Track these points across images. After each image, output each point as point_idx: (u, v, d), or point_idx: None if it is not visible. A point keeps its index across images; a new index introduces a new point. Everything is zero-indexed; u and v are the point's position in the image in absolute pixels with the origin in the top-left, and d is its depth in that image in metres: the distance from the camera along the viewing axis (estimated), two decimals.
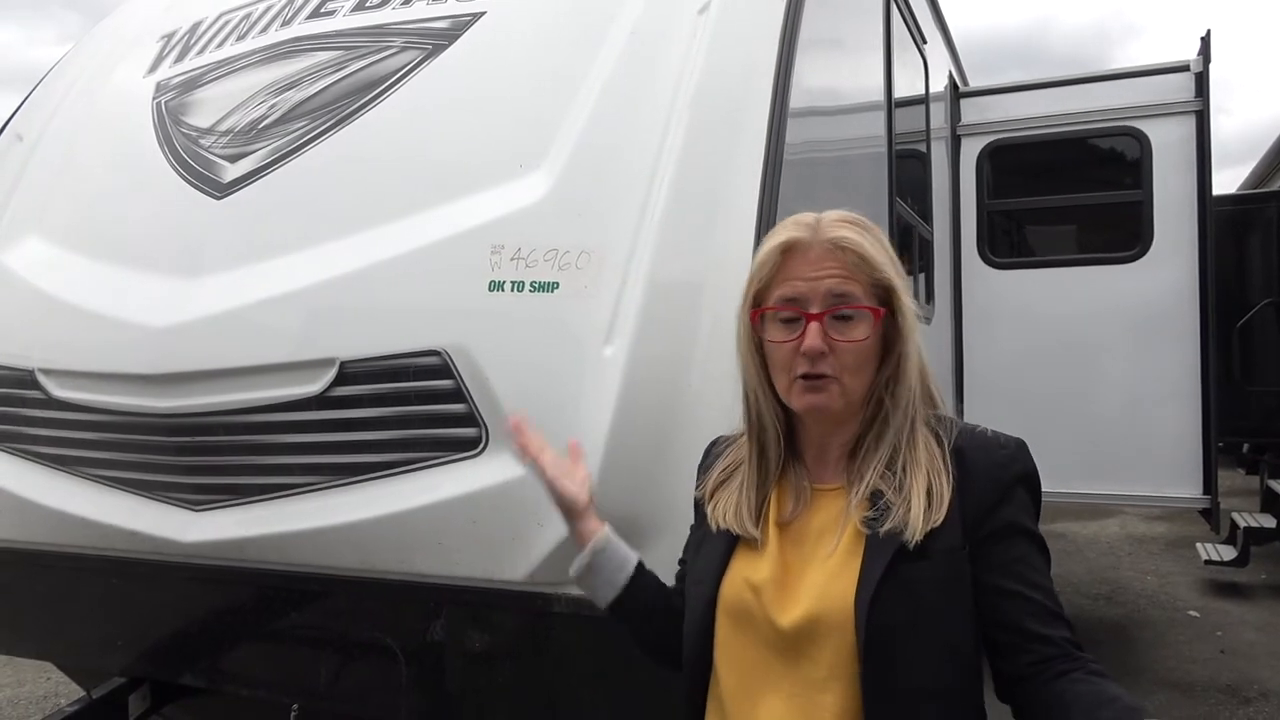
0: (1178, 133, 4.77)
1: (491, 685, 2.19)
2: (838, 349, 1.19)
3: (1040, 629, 1.14)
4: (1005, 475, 1.20)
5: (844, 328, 1.20)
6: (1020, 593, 1.15)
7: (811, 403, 1.21)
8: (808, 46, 2.31)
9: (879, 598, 1.12)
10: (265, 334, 2.24)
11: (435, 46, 2.44)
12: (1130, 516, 9.34)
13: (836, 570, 1.18)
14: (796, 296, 1.21)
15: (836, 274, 1.20)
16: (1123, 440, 4.84)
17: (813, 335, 1.18)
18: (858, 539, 1.18)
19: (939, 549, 1.14)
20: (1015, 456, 1.22)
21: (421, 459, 2.10)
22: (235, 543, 2.35)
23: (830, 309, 1.19)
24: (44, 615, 2.82)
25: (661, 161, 2.08)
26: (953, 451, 1.21)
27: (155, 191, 2.63)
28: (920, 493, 1.16)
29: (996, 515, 1.17)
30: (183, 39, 3.05)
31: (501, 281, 2.06)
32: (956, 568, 1.15)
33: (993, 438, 1.24)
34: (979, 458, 1.21)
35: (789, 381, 1.22)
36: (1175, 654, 5.49)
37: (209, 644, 2.56)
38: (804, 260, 1.21)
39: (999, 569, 1.16)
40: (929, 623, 1.14)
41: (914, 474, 1.18)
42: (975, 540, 1.17)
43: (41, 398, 2.56)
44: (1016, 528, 1.18)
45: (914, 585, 1.13)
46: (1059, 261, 5.19)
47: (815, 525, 1.24)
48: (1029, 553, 1.18)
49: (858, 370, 1.21)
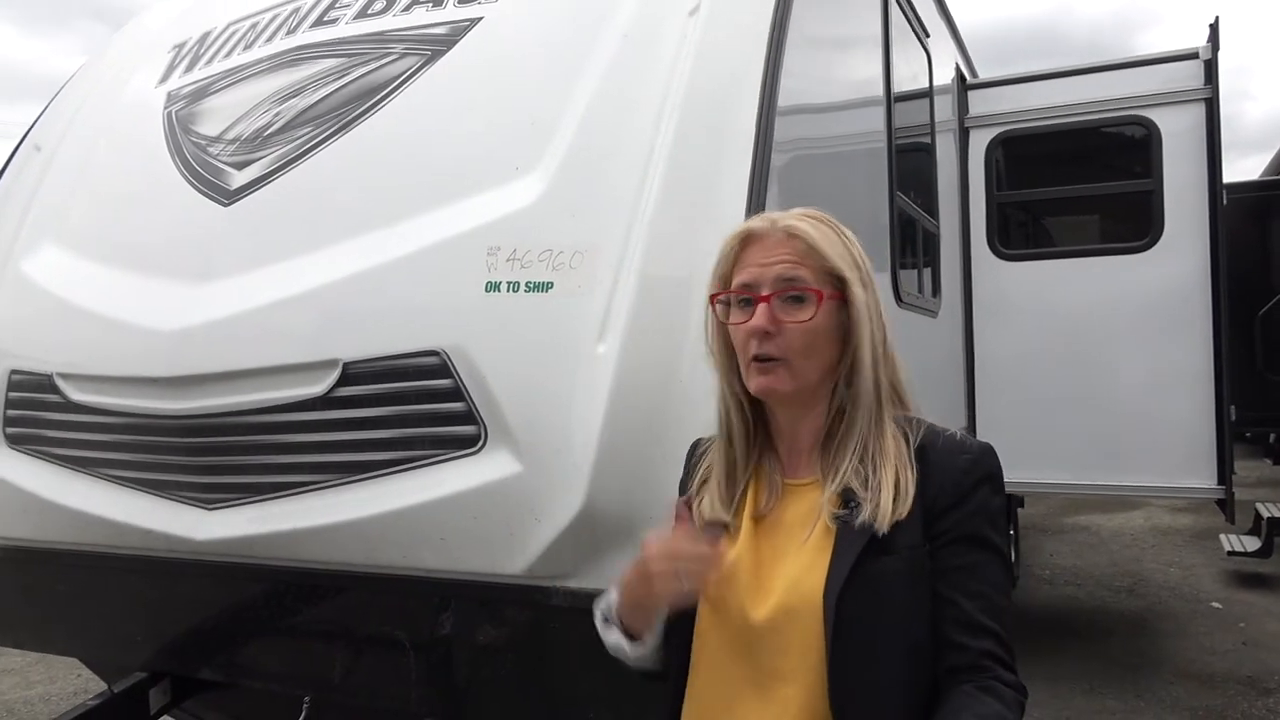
0: (1187, 121, 4.73)
1: (496, 676, 2.24)
2: (785, 330, 1.23)
3: (958, 637, 1.15)
4: (965, 480, 1.21)
5: (792, 309, 1.24)
6: (952, 599, 1.16)
7: (762, 384, 1.25)
8: (798, 45, 2.33)
9: (847, 590, 1.15)
10: (271, 336, 2.30)
11: (434, 52, 2.49)
12: (1155, 508, 9.26)
13: (808, 564, 1.20)
14: (750, 281, 1.26)
15: (787, 260, 1.25)
16: (1135, 431, 4.82)
17: (759, 315, 1.23)
18: (827, 534, 1.20)
19: (903, 544, 1.17)
20: (978, 460, 1.23)
21: (423, 457, 2.16)
22: (246, 540, 2.41)
23: (778, 291, 1.24)
24: (68, 613, 2.90)
25: (652, 162, 2.11)
26: (916, 449, 1.23)
27: (167, 199, 2.70)
28: (889, 484, 1.19)
29: (949, 518, 1.19)
30: (193, 49, 3.13)
31: (498, 282, 2.11)
32: (918, 564, 1.17)
33: (958, 441, 1.26)
34: (941, 459, 1.22)
35: (746, 363, 1.26)
36: (1196, 645, 5.45)
37: (224, 639, 2.63)
38: (760, 248, 1.27)
39: (940, 574, 1.18)
40: (893, 617, 1.16)
41: (883, 466, 1.21)
42: (930, 539, 1.19)
43: (60, 401, 2.64)
44: (967, 534, 1.19)
45: (880, 579, 1.15)
46: (1069, 252, 5.18)
47: (788, 519, 1.27)
48: (976, 561, 1.18)
49: (807, 352, 1.24)
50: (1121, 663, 5.14)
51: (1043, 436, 4.81)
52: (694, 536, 1.22)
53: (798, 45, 2.31)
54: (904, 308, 3.46)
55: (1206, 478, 4.73)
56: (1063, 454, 4.82)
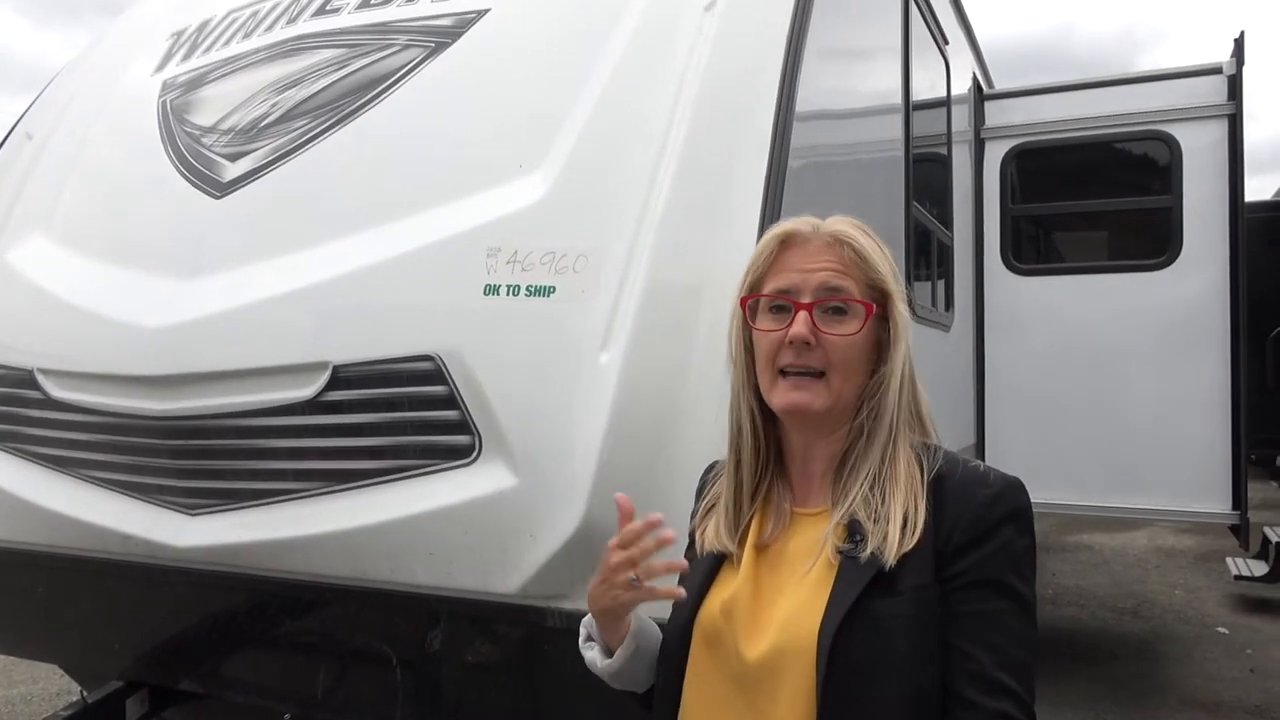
0: (1209, 137, 4.64)
1: (486, 698, 2.16)
2: (826, 342, 1.14)
3: (971, 694, 1.03)
4: (987, 516, 1.09)
5: (835, 321, 1.14)
6: (965, 651, 1.05)
7: (793, 400, 1.14)
8: (818, 46, 2.24)
9: (843, 634, 1.04)
10: (259, 336, 2.21)
11: (438, 44, 2.40)
12: (1158, 529, 9.15)
13: (805, 602, 1.10)
14: (789, 287, 1.16)
15: (832, 267, 1.16)
16: (1149, 452, 4.71)
17: (800, 323, 1.13)
18: (829, 568, 1.10)
19: (909, 585, 1.06)
20: (1001, 495, 1.11)
21: (414, 467, 2.07)
22: (229, 548, 2.32)
23: (820, 300, 1.14)
24: (44, 618, 2.81)
25: (663, 163, 2.03)
26: (932, 480, 1.12)
27: (157, 191, 2.62)
28: (897, 515, 1.09)
29: (966, 558, 1.08)
30: (191, 37, 3.04)
31: (497, 285, 2.02)
32: (926, 607, 1.06)
33: (979, 473, 1.14)
34: (959, 492, 1.11)
35: (772, 377, 1.16)
36: (1202, 672, 5.34)
37: (205, 650, 2.54)
38: (801, 252, 1.18)
39: (953, 620, 1.06)
40: (893, 664, 1.04)
41: (892, 495, 1.11)
42: (943, 580, 1.07)
43: (40, 398, 2.55)
44: (986, 579, 1.07)
45: (880, 622, 1.05)
46: (1085, 268, 5.08)
47: (792, 550, 1.17)
48: (996, 609, 1.07)
49: (848, 369, 1.15)
50: (1127, 688, 5.03)
51: (1053, 455, 4.71)
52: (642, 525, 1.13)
53: (817, 46, 2.22)
54: (917, 321, 3.36)
55: (1221, 502, 4.63)
56: (1073, 473, 4.72)
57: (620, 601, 1.15)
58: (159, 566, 2.45)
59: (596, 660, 1.27)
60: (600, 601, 1.17)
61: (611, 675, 1.27)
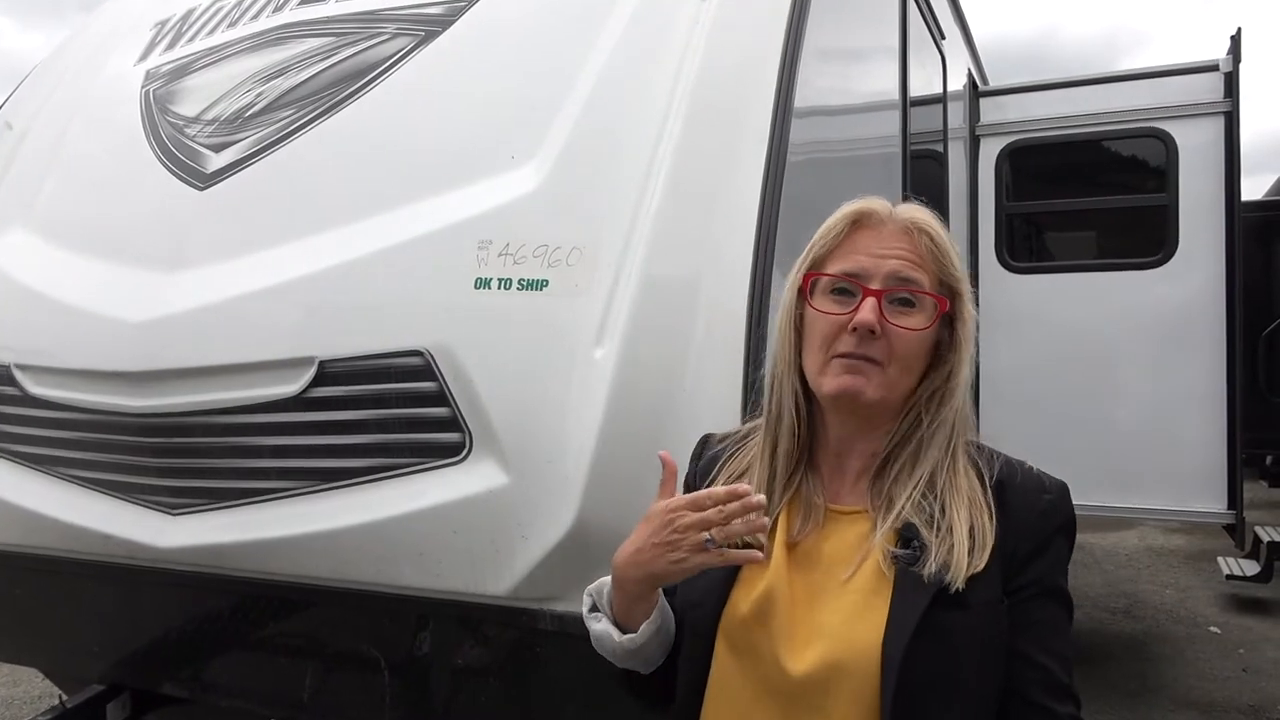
0: (1205, 134, 4.61)
1: (475, 701, 2.11)
2: (891, 334, 1.07)
3: (1046, 701, 1.02)
4: (1047, 525, 1.07)
5: (902, 313, 1.08)
6: (1035, 659, 1.03)
7: (846, 384, 1.08)
8: (816, 36, 2.19)
9: (914, 648, 0.99)
10: (243, 331, 2.15)
11: (428, 33, 2.34)
12: (1149, 528, 9.15)
13: (857, 611, 1.04)
14: (859, 270, 1.10)
15: (906, 256, 1.10)
16: (1144, 451, 4.69)
17: (867, 310, 1.06)
18: (880, 576, 1.05)
19: (978, 599, 1.02)
20: (1058, 504, 1.09)
21: (402, 465, 2.01)
22: (213, 549, 2.26)
23: (890, 289, 1.08)
24: (22, 620, 2.75)
25: (659, 154, 1.97)
26: (994, 487, 1.08)
27: (140, 182, 2.55)
28: (963, 531, 1.03)
29: (1031, 568, 1.05)
30: (175, 26, 2.97)
31: (489, 279, 1.97)
32: (996, 622, 1.03)
33: (1036, 478, 1.11)
34: (1021, 500, 1.08)
35: (824, 360, 1.10)
36: (1195, 671, 5.33)
37: (188, 653, 2.48)
38: (874, 235, 1.12)
39: (1021, 628, 1.04)
40: (961, 678, 1.01)
41: (955, 508, 1.05)
42: (1009, 592, 1.04)
43: (17, 394, 2.48)
44: (1048, 586, 1.06)
45: (951, 636, 1.00)
46: (1080, 266, 5.05)
47: (827, 551, 1.11)
48: (1055, 615, 1.06)
49: (907, 364, 1.09)
50: (1120, 688, 5.01)
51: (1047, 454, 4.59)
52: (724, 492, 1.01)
53: (815, 35, 2.17)
54: None
55: (1216, 501, 4.61)
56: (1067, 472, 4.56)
57: (685, 566, 1.03)
58: (140, 568, 2.39)
59: (611, 634, 1.14)
60: (654, 565, 1.04)
61: (630, 653, 1.14)
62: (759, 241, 1.86)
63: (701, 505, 1.01)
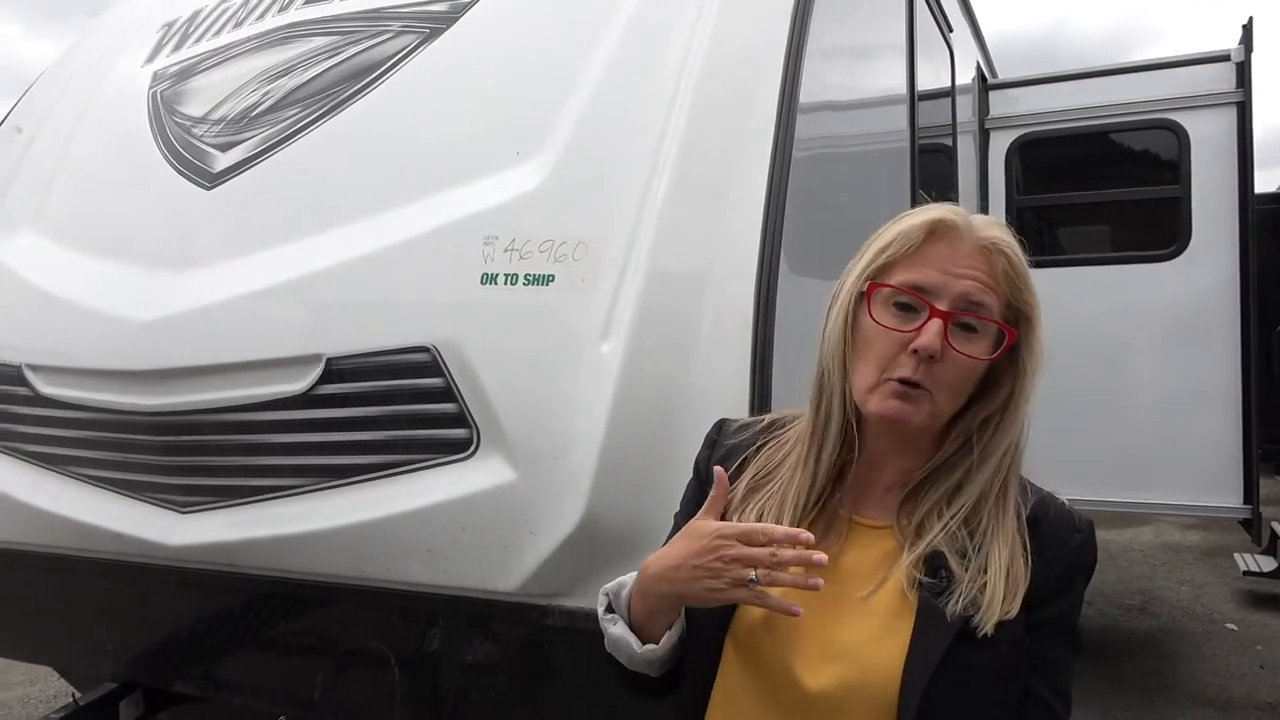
0: (1218, 125, 4.56)
1: (485, 698, 2.10)
2: (949, 359, 1.01)
3: None
4: (1074, 563, 1.05)
5: (964, 338, 1.02)
6: (1042, 697, 1.03)
7: (895, 410, 1.02)
8: (821, 29, 2.18)
9: (936, 682, 0.97)
10: (250, 329, 2.16)
11: (433, 30, 2.34)
12: (1165, 524, 9.07)
13: (877, 633, 1.01)
14: (929, 286, 1.02)
15: (980, 278, 1.02)
16: (1158, 447, 4.64)
17: (931, 334, 1.00)
18: (903, 600, 1.02)
19: (1004, 637, 0.99)
20: (1087, 544, 1.06)
21: (410, 461, 2.01)
22: (223, 546, 2.27)
23: (959, 311, 1.01)
24: (36, 619, 2.76)
25: (664, 148, 1.96)
26: (1027, 519, 1.05)
27: (147, 182, 2.56)
28: (1000, 573, 1.00)
29: (1052, 606, 1.03)
30: (182, 27, 2.98)
31: (495, 274, 1.96)
32: (1016, 661, 1.01)
33: (1068, 515, 1.08)
34: (1052, 536, 1.05)
35: (877, 378, 1.03)
36: (1212, 669, 5.28)
37: (199, 651, 2.48)
38: (950, 250, 1.03)
39: (1034, 667, 1.02)
40: (977, 713, 1.00)
41: (997, 548, 1.01)
42: (1029, 628, 1.02)
43: (29, 394, 2.50)
44: (1064, 626, 1.05)
45: (973, 673, 0.98)
46: (1091, 260, 4.99)
47: (846, 564, 1.07)
48: (1065, 655, 1.05)
49: (955, 391, 1.03)
50: (1136, 685, 4.98)
51: (1060, 449, 4.63)
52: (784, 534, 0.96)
53: (821, 26, 2.16)
54: None
55: (1231, 496, 4.56)
56: (1080, 468, 4.65)
57: (720, 597, 0.99)
58: (152, 566, 2.40)
59: (629, 641, 1.10)
60: (688, 587, 1.00)
61: (647, 661, 1.10)
62: (765, 234, 1.84)
63: (754, 540, 0.97)
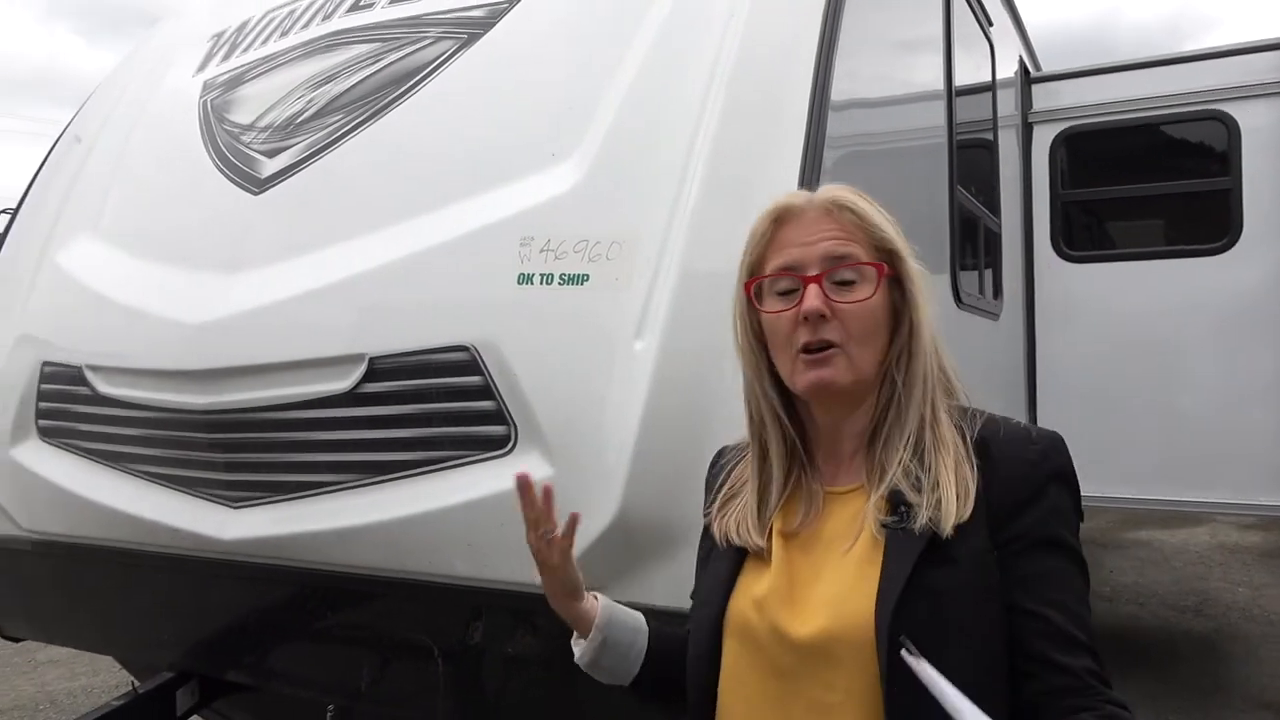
0: (1269, 115, 4.45)
1: (526, 690, 2.13)
2: (841, 312, 1.09)
3: (1054, 655, 1.00)
4: (1036, 473, 1.06)
5: (846, 290, 1.10)
6: (1037, 612, 1.01)
7: (817, 378, 1.09)
8: (854, 25, 2.18)
9: (902, 609, 0.99)
10: (297, 330, 2.22)
11: (470, 35, 2.39)
12: (1221, 524, 8.86)
13: (852, 580, 1.05)
14: (793, 263, 1.12)
15: (834, 235, 1.11)
16: (1210, 444, 4.53)
17: (811, 296, 1.08)
18: (874, 543, 1.05)
19: (965, 552, 1.01)
20: (1047, 453, 1.08)
21: (450, 458, 2.05)
22: (273, 540, 2.33)
23: (829, 270, 1.10)
24: (98, 611, 2.86)
25: (696, 146, 1.98)
26: (975, 443, 1.08)
27: (199, 188, 2.65)
28: (949, 481, 1.04)
29: (1023, 519, 1.04)
30: (230, 37, 3.08)
31: (531, 274, 2.00)
32: (986, 573, 1.02)
33: (1023, 430, 1.11)
34: (1006, 452, 1.07)
35: (792, 359, 1.11)
36: (1269, 671, 5.16)
37: (251, 641, 2.56)
38: (799, 226, 1.13)
39: (1018, 583, 1.02)
40: (959, 635, 1.00)
41: (939, 461, 1.06)
42: (1000, 545, 1.03)
43: (89, 394, 2.60)
44: (1044, 536, 1.04)
45: (942, 593, 1.00)
46: (1139, 254, 4.89)
47: (828, 531, 1.12)
48: (1056, 566, 1.04)
49: (865, 338, 1.10)
50: (1190, 687, 4.88)
51: (1109, 448, 4.56)
52: None
53: (853, 23, 2.16)
54: (964, 309, 3.28)
55: None
56: (1130, 466, 4.57)
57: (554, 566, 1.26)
58: (205, 559, 2.48)
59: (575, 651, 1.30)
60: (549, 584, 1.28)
61: (587, 667, 1.30)
62: None
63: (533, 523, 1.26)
